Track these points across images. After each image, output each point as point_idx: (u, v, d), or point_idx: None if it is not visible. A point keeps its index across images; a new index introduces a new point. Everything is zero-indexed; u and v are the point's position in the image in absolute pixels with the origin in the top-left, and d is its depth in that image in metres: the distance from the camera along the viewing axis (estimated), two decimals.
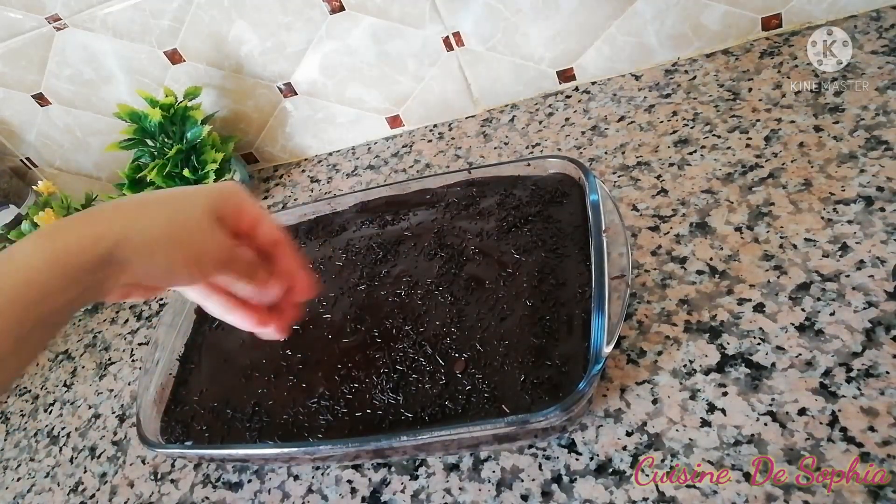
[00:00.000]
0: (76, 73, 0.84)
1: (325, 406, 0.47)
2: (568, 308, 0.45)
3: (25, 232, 0.75)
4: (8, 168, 0.94)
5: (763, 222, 0.51)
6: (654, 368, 0.46)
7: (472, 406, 0.42)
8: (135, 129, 0.77)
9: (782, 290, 0.47)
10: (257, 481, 0.52)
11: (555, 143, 0.70)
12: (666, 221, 0.55)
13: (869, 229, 0.47)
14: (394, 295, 0.51)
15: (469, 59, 0.76)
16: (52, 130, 0.92)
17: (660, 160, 0.61)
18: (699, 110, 0.65)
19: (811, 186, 0.52)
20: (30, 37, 0.80)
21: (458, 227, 0.54)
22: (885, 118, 0.55)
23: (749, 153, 0.58)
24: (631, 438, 0.43)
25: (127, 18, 0.77)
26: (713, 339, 0.46)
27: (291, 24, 0.75)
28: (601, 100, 0.73)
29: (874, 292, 0.44)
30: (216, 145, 0.79)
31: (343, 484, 0.48)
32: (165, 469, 0.57)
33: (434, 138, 0.81)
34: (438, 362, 0.45)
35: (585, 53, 0.74)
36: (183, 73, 0.83)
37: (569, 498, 0.42)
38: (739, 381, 0.43)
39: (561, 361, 0.42)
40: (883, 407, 0.38)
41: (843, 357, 0.41)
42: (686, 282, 0.50)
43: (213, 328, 0.58)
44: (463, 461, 0.46)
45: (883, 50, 0.61)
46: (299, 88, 0.82)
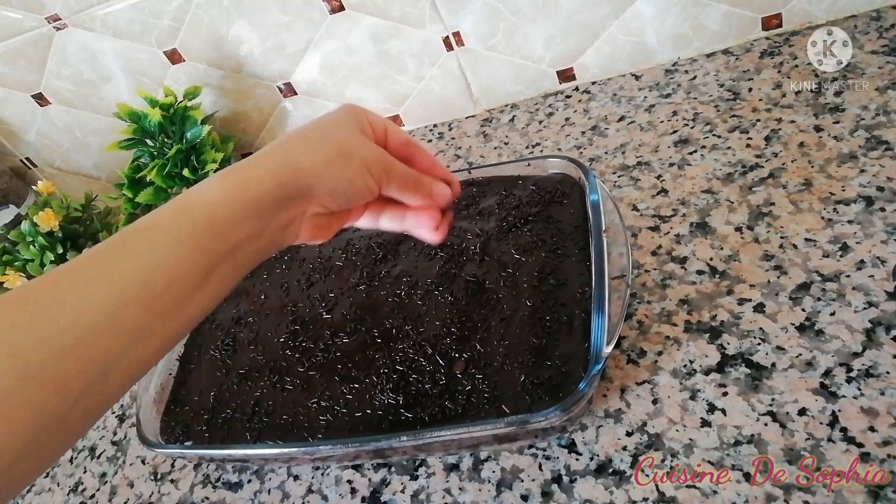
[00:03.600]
0: (76, 73, 0.84)
1: (325, 406, 0.47)
2: (568, 308, 0.45)
3: (25, 232, 0.75)
4: (8, 168, 0.94)
5: (763, 222, 0.51)
6: (654, 368, 0.46)
7: (472, 406, 0.42)
8: (134, 129, 0.77)
9: (782, 290, 0.46)
10: (257, 481, 0.52)
11: (555, 143, 0.70)
12: (666, 221, 0.55)
13: (869, 229, 0.47)
14: (394, 295, 0.51)
15: (469, 59, 0.76)
16: (52, 130, 0.92)
17: (660, 160, 0.61)
18: (699, 110, 0.65)
19: (811, 186, 0.52)
20: (30, 37, 0.80)
21: (458, 227, 0.54)
22: (886, 118, 0.55)
23: (749, 153, 0.58)
24: (631, 438, 0.43)
25: (127, 18, 0.77)
26: (713, 339, 0.46)
27: (291, 24, 0.75)
28: (601, 100, 0.73)
29: (874, 292, 0.44)
30: (216, 145, 0.79)
31: (343, 484, 0.48)
32: (165, 469, 0.57)
33: (434, 138, 0.81)
34: (438, 362, 0.45)
35: (585, 53, 0.74)
36: (183, 73, 0.83)
37: (569, 498, 0.42)
38: (739, 382, 0.43)
39: (561, 361, 0.42)
40: (883, 407, 0.38)
41: (843, 357, 0.41)
42: (686, 282, 0.50)
43: (213, 328, 0.58)
44: (463, 461, 0.46)
45: (883, 50, 0.61)
46: (299, 88, 0.82)
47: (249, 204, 0.31)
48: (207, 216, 0.30)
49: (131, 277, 0.28)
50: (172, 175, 0.76)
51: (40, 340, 0.25)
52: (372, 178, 0.35)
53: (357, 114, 0.37)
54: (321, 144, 0.34)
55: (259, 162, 0.33)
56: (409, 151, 0.39)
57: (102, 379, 0.27)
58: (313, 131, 0.35)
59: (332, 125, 0.36)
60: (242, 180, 0.31)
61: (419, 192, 0.38)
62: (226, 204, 0.30)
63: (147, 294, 0.28)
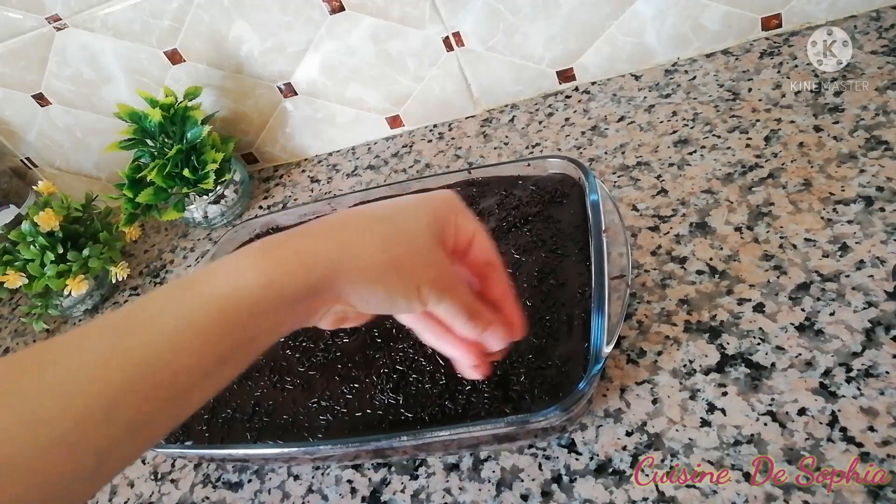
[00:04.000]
0: (76, 73, 0.84)
1: (325, 406, 0.47)
2: (568, 308, 0.45)
3: (26, 232, 0.75)
4: (8, 168, 0.94)
5: (763, 222, 0.51)
6: (653, 368, 0.46)
7: (472, 406, 0.42)
8: (135, 130, 0.77)
9: (782, 290, 0.47)
10: (257, 481, 0.52)
11: (555, 143, 0.70)
12: (666, 221, 0.55)
13: (869, 229, 0.47)
14: None
15: (469, 59, 0.76)
16: (53, 130, 0.92)
17: (660, 160, 0.61)
18: (699, 110, 0.65)
19: (811, 186, 0.52)
20: (30, 37, 0.80)
21: None
22: (885, 118, 0.55)
23: (749, 153, 0.58)
24: (631, 438, 0.43)
25: (127, 18, 0.77)
26: (713, 339, 0.46)
27: (291, 24, 0.75)
28: (601, 100, 0.73)
29: (874, 292, 0.44)
30: (216, 145, 0.79)
31: (343, 484, 0.49)
32: (165, 469, 0.57)
33: (434, 138, 0.81)
34: (438, 362, 0.45)
35: (585, 53, 0.74)
36: (183, 74, 0.83)
37: (569, 498, 0.42)
38: (739, 381, 0.43)
39: (561, 361, 0.42)
40: (883, 407, 0.38)
41: (842, 357, 0.41)
42: (686, 282, 0.50)
43: None
44: (463, 461, 0.46)
45: (883, 50, 0.61)
46: (299, 88, 0.82)
47: (280, 299, 0.28)
48: (227, 308, 0.27)
49: (135, 363, 0.25)
50: (173, 175, 0.76)
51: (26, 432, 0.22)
52: (419, 299, 0.31)
53: (446, 217, 0.33)
54: (379, 248, 0.30)
55: (306, 248, 0.29)
56: (487, 273, 0.35)
57: (95, 471, 0.24)
58: (377, 222, 0.31)
59: (405, 220, 0.32)
60: (279, 273, 0.28)
61: (470, 326, 0.33)
62: (253, 295, 0.27)
63: (150, 382, 0.25)
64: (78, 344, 0.25)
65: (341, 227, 0.31)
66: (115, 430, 0.24)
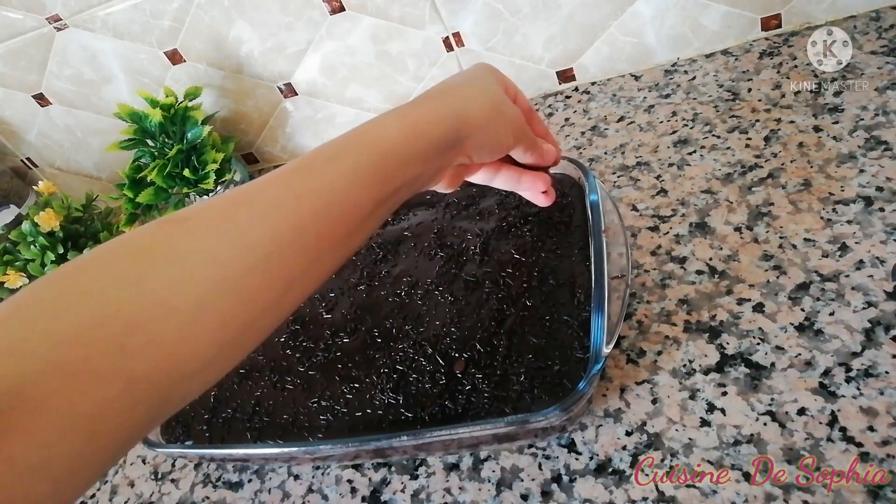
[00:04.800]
0: (76, 74, 0.84)
1: (325, 406, 0.47)
2: (568, 308, 0.45)
3: (26, 232, 0.75)
4: (8, 168, 0.94)
5: (762, 222, 0.51)
6: (653, 368, 0.46)
7: (472, 406, 0.42)
8: (135, 130, 0.77)
9: (782, 290, 0.47)
10: (257, 481, 0.52)
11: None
12: (665, 221, 0.56)
13: (868, 229, 0.47)
14: (394, 295, 0.51)
15: (469, 59, 0.76)
16: (53, 131, 0.92)
17: (659, 160, 0.61)
18: (699, 110, 0.65)
19: (811, 186, 0.52)
20: (30, 37, 0.80)
21: (458, 227, 0.54)
22: (885, 118, 0.55)
23: (748, 153, 0.58)
24: (631, 438, 0.43)
25: (127, 19, 0.77)
26: (713, 338, 0.46)
27: (292, 25, 0.75)
28: (601, 100, 0.73)
29: (874, 292, 0.44)
30: (216, 145, 0.80)
31: (343, 483, 0.49)
32: (166, 469, 0.57)
33: None
34: (438, 362, 0.45)
35: (585, 54, 0.74)
36: (183, 74, 0.83)
37: (569, 498, 0.42)
38: (739, 381, 0.43)
39: (561, 361, 0.42)
40: (882, 407, 0.38)
41: (842, 357, 0.41)
42: (686, 282, 0.50)
43: None
44: (463, 461, 0.46)
45: (883, 50, 0.61)
46: (299, 88, 0.82)
47: (420, 149, 0.32)
48: (382, 155, 0.31)
49: (315, 202, 0.29)
50: (173, 175, 0.76)
51: (237, 251, 0.26)
52: (513, 136, 0.37)
53: (497, 73, 0.39)
54: (484, 96, 0.35)
55: (433, 106, 0.34)
56: (529, 117, 0.41)
57: (283, 296, 0.28)
58: (473, 81, 0.37)
59: (483, 79, 0.37)
60: (418, 124, 0.32)
61: (536, 153, 0.40)
62: (400, 145, 0.31)
63: (326, 220, 0.29)
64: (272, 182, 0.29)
65: (452, 89, 0.36)
66: (302, 260, 0.28)
